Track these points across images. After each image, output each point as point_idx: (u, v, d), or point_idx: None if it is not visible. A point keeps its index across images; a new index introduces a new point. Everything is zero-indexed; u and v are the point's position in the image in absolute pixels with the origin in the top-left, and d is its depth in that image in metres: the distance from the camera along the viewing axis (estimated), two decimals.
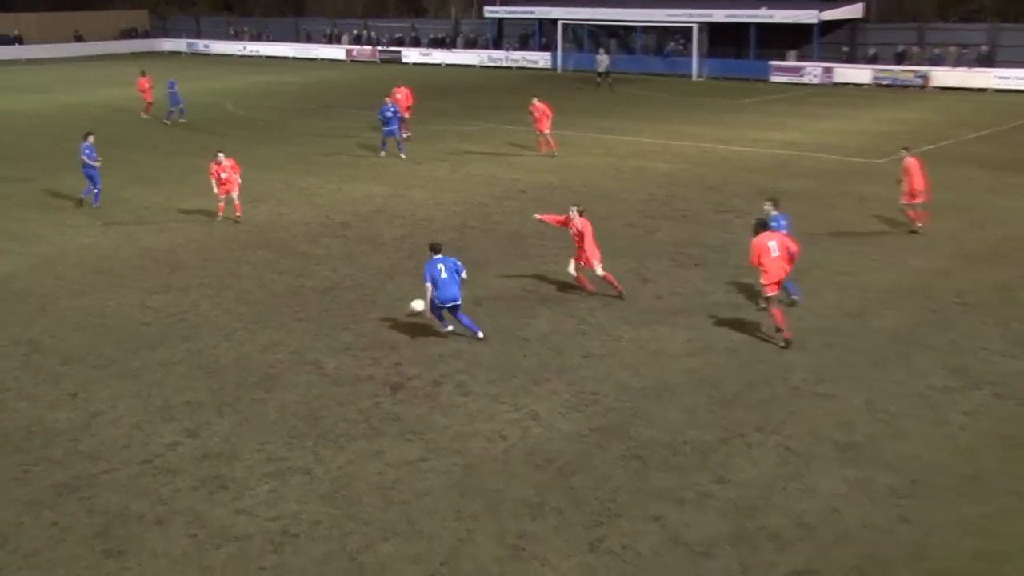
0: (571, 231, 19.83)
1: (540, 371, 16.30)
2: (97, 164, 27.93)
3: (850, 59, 60.35)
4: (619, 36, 68.91)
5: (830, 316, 18.76)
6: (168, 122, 44.12)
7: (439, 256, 17.61)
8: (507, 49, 72.89)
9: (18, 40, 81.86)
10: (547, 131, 35.48)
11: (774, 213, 19.05)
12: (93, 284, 21.27)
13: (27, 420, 14.72)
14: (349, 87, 59.53)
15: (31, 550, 11.39)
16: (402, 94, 39.07)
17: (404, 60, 74.76)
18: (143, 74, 47.15)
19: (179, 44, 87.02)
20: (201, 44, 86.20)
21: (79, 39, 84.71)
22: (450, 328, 17.95)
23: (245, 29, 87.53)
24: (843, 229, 24.90)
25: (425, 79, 59.51)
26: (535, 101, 35.89)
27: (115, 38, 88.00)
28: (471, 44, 75.77)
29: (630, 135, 40.03)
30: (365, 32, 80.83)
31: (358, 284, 20.98)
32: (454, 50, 74.83)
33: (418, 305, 17.86)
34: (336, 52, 78.72)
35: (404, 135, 35.74)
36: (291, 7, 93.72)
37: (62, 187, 30.81)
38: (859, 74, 58.17)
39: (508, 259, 22.73)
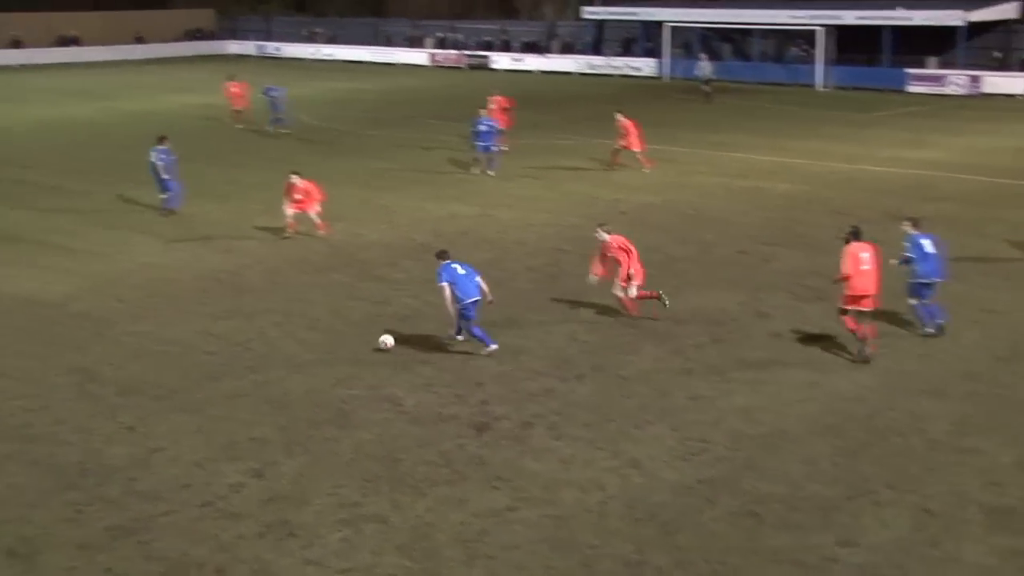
0: (610, 254, 20.55)
1: (642, 414, 16.30)
2: (166, 171, 29.67)
3: (1003, 66, 59.23)
4: (734, 41, 68.73)
5: (975, 359, 18.44)
6: (271, 129, 45.14)
7: (450, 260, 18.91)
8: (608, 55, 73.17)
9: (75, 41, 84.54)
10: (638, 149, 35.54)
11: (912, 232, 18.98)
12: (154, 308, 21.86)
13: (81, 455, 15.17)
14: (432, 96, 60.29)
15: None
16: (496, 104, 39.50)
17: (493, 66, 75.46)
18: (232, 78, 48.33)
19: (247, 47, 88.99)
20: (271, 46, 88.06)
21: (140, 41, 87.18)
22: (461, 338, 18.91)
23: (319, 31, 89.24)
24: (990, 260, 24.46)
25: (516, 87, 60.02)
26: (620, 117, 35.98)
27: (178, 40, 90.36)
28: (568, 49, 76.21)
29: (744, 152, 39.86)
30: (450, 35, 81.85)
31: (441, 312, 21.17)
32: (549, 55, 75.31)
33: (388, 340, 19.05)
34: (418, 56, 79.80)
35: (499, 149, 35.98)
36: (369, 8, 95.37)
37: (124, 202, 31.73)
38: (1013, 83, 57.07)
39: (607, 288, 22.75)
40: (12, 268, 24.67)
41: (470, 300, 18.55)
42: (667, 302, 20.38)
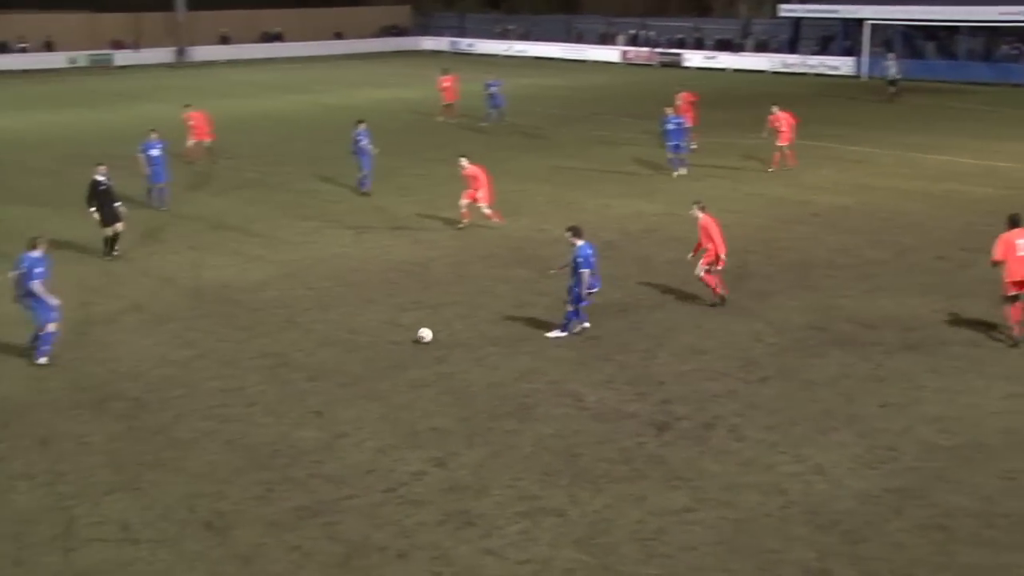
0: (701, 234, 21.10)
1: (827, 419, 15.95)
2: (363, 151, 32.02)
3: None
4: (938, 39, 66.42)
5: None
6: (487, 124, 46.47)
7: (586, 242, 19.17)
8: (804, 53, 71.70)
9: (278, 37, 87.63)
10: (786, 144, 34.94)
11: None
12: (343, 297, 22.50)
13: (272, 437, 15.74)
14: (622, 93, 60.23)
15: (272, 574, 12.17)
16: (683, 99, 39.28)
17: (685, 64, 74.90)
18: (445, 72, 49.48)
19: (441, 43, 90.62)
20: (464, 43, 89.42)
21: (338, 37, 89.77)
22: (587, 325, 19.32)
23: (512, 27, 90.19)
24: None
25: (708, 85, 59.37)
26: (776, 111, 35.28)
27: (375, 36, 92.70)
28: (762, 47, 75.06)
29: (945, 154, 38.49)
30: (643, 32, 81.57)
31: (624, 310, 21.19)
32: (742, 53, 74.33)
33: (427, 334, 19.37)
34: (609, 54, 79.80)
35: (689, 147, 35.72)
36: (563, 4, 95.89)
37: (318, 192, 32.74)
38: None
39: (794, 290, 22.36)
40: (215, 255, 25.74)
41: (594, 291, 19.34)
42: (720, 302, 21.14)
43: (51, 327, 18.65)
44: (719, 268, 21.06)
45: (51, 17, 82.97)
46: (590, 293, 19.33)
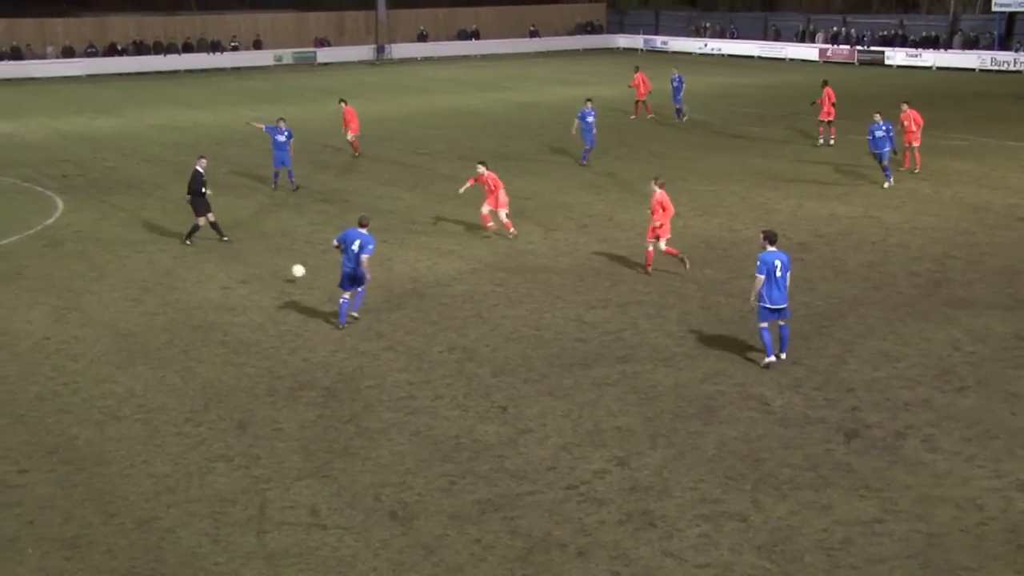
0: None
1: None
2: (588, 128, 36.38)
3: None
4: None
5: None
6: (681, 120, 46.81)
7: (775, 249, 17.83)
8: (1017, 50, 68.64)
9: (475, 35, 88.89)
10: (916, 144, 33.42)
11: None
12: (531, 293, 22.65)
13: (457, 430, 15.97)
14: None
15: (454, 565, 12.35)
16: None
17: (887, 62, 72.65)
18: (637, 69, 49.56)
19: (635, 40, 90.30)
20: (659, 40, 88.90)
21: (534, 34, 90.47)
22: (772, 359, 17.94)
23: (707, 25, 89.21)
24: None
25: (911, 84, 57.54)
26: (905, 108, 33.64)
27: (569, 33, 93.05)
28: (970, 44, 72.21)
29: None
30: (843, 29, 79.52)
31: (814, 314, 20.71)
32: (949, 51, 71.65)
33: (298, 270, 21.51)
34: (807, 52, 78.10)
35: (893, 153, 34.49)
36: (761, 1, 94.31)
37: (511, 189, 32.98)
38: None
39: (997, 298, 21.44)
40: (407, 249, 26.27)
41: (773, 307, 17.83)
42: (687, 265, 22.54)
43: (346, 295, 20.49)
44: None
45: (260, 16, 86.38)
46: (767, 308, 17.82)
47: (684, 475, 14.28)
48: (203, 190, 26.45)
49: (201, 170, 26.53)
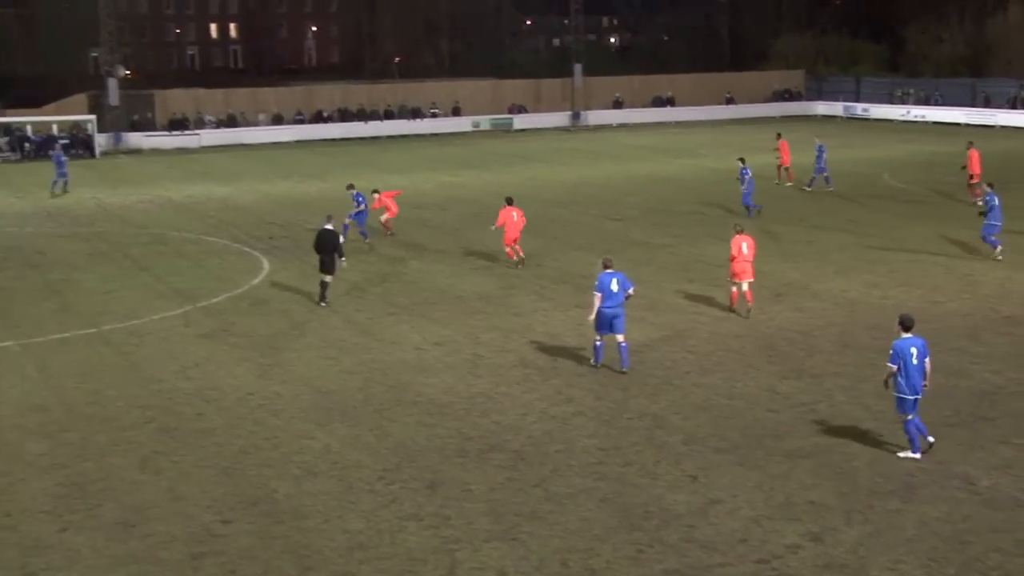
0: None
1: None
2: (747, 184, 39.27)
3: None
4: None
5: None
6: (809, 189, 45.59)
7: (912, 335, 16.74)
8: None
9: (670, 102, 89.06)
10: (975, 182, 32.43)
11: None
12: (723, 362, 22.40)
13: (646, 498, 15.85)
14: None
15: None
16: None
17: None
18: (780, 137, 49.12)
19: (835, 107, 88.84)
20: (859, 108, 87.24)
21: (730, 101, 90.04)
22: (918, 456, 16.78)
23: (911, 91, 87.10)
24: None
25: None
26: (969, 149, 32.33)
27: (766, 100, 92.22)
28: None
29: None
30: None
31: None
32: None
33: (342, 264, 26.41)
34: (1021, 119, 75.32)
35: None
36: (969, 67, 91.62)
37: (703, 255, 32.85)
38: None
39: None
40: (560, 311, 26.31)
41: (912, 397, 16.74)
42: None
43: (599, 339, 21.85)
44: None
45: (460, 84, 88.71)
46: (907, 399, 16.76)
47: (882, 554, 13.81)
48: (335, 252, 27.55)
49: (328, 227, 27.80)
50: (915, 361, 16.75)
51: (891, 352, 16.88)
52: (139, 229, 40.72)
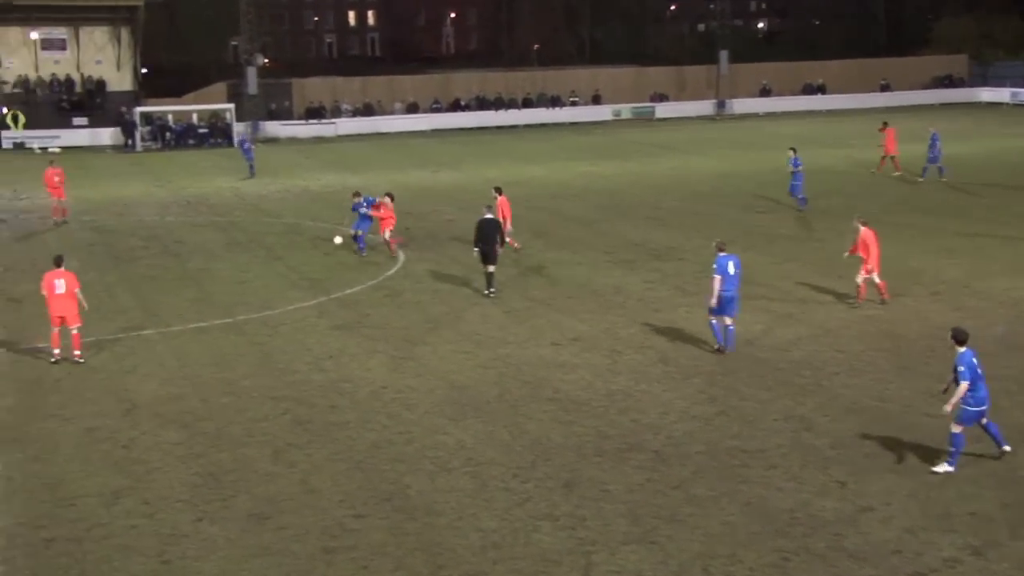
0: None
1: None
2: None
3: None
4: None
5: None
6: (922, 179, 44.87)
7: (967, 349, 16.24)
8: None
9: (821, 90, 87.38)
10: None
11: None
12: (874, 362, 21.87)
13: (792, 503, 15.55)
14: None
15: None
16: None
17: None
18: (886, 125, 47.87)
19: (1001, 94, 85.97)
20: None
21: (885, 88, 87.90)
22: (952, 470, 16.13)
23: None
24: None
25: None
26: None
27: (925, 87, 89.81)
28: None
29: None
30: None
31: None
32: None
33: (337, 240, 28.50)
34: None
35: None
36: None
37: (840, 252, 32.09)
38: None
39: None
40: (743, 311, 25.82)
41: (980, 408, 16.41)
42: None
43: (715, 320, 22.71)
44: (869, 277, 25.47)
45: (601, 72, 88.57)
46: (975, 410, 16.35)
47: None
48: (494, 242, 27.71)
49: (489, 216, 27.96)
50: (980, 370, 16.37)
51: (963, 369, 16.24)
52: (274, 218, 41.64)
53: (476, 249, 27.98)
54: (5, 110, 70.93)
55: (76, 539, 15.03)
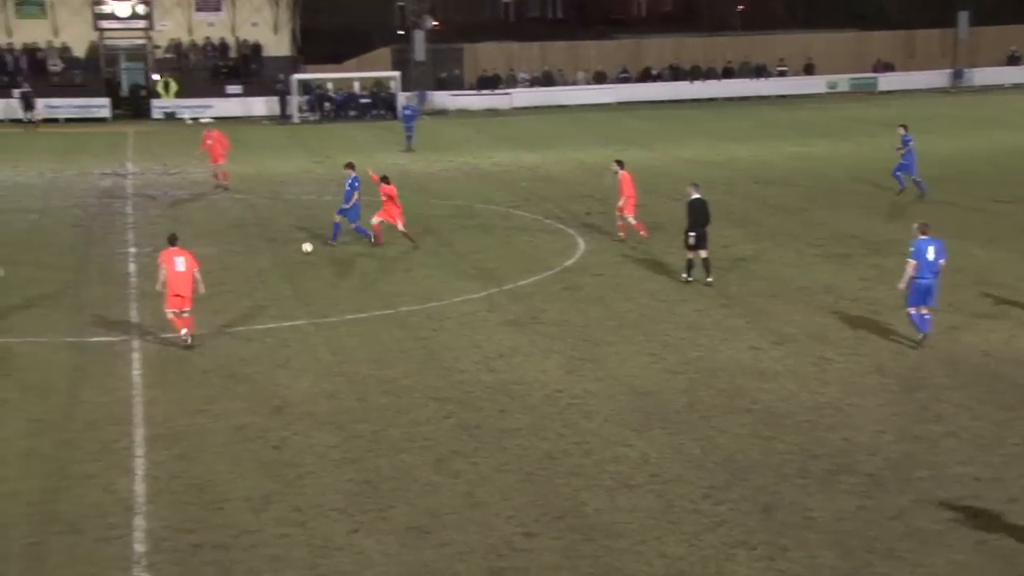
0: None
1: None
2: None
3: None
4: None
5: None
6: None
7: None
8: None
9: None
10: None
11: None
12: None
13: None
14: None
15: None
16: None
17: None
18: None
19: None
20: None
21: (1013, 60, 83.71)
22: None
23: None
24: None
25: None
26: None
27: None
28: None
29: None
30: None
31: None
32: None
33: (306, 247, 30.98)
34: None
35: None
36: None
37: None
38: None
39: None
40: (979, 318, 25.26)
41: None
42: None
43: (914, 310, 22.86)
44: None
45: (815, 37, 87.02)
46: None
47: None
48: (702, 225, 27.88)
49: (696, 196, 28.13)
50: None
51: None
52: (442, 200, 42.28)
53: (692, 234, 27.93)
54: (157, 76, 73.65)
55: (224, 546, 15.57)
